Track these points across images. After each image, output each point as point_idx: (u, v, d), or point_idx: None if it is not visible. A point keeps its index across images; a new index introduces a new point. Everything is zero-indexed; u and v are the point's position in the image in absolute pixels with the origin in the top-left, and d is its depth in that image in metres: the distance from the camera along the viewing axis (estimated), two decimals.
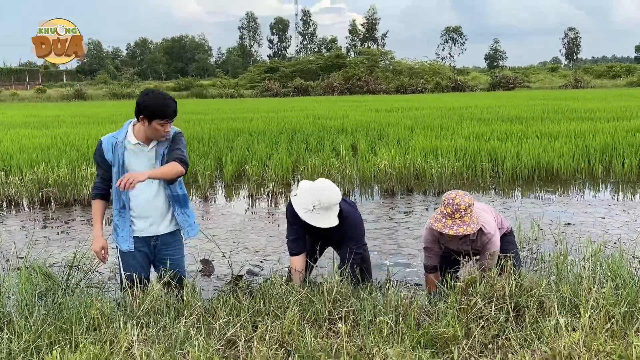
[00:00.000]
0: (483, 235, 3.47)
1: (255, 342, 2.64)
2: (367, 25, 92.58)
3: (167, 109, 3.27)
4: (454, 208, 3.31)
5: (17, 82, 60.52)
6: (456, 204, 3.31)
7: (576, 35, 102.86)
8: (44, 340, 2.91)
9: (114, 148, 3.40)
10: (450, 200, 3.34)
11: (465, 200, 3.32)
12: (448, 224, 3.33)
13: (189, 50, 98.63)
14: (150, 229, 3.59)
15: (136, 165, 3.43)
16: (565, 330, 2.59)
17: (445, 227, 3.33)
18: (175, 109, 3.33)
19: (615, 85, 42.53)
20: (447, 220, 3.34)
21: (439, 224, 3.36)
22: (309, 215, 3.52)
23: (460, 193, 3.39)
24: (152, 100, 3.26)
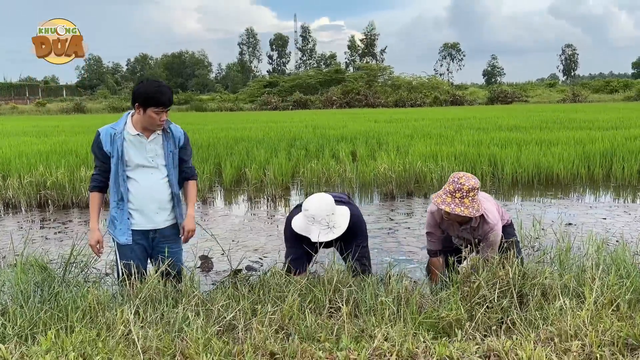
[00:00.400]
0: (485, 224, 3.43)
1: (255, 324, 2.59)
2: (366, 40, 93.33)
3: (161, 96, 3.23)
4: (457, 187, 3.27)
5: (17, 97, 60.70)
6: (460, 183, 3.28)
7: (573, 52, 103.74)
8: (39, 326, 2.85)
9: (113, 139, 3.35)
10: (455, 179, 3.31)
11: (470, 183, 3.28)
12: (447, 201, 3.29)
13: (188, 65, 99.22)
14: (148, 222, 3.55)
15: (135, 156, 3.39)
16: (570, 311, 2.54)
17: (443, 203, 3.29)
18: (170, 97, 3.30)
19: (613, 99, 42.74)
20: (447, 197, 3.30)
21: (438, 199, 3.33)
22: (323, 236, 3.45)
23: (467, 175, 3.36)
24: (145, 87, 3.24)
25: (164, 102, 3.24)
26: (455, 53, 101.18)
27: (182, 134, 3.54)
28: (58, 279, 3.54)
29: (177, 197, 3.58)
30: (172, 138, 3.47)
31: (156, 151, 3.44)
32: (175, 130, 3.51)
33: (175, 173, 3.57)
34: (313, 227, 3.47)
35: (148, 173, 3.46)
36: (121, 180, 3.40)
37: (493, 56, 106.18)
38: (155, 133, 3.41)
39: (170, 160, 3.48)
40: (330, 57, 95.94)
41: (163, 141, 3.45)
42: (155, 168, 3.46)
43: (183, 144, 3.53)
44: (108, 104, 46.38)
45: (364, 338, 2.45)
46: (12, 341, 2.60)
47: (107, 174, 3.47)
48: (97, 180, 3.47)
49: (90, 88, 77.19)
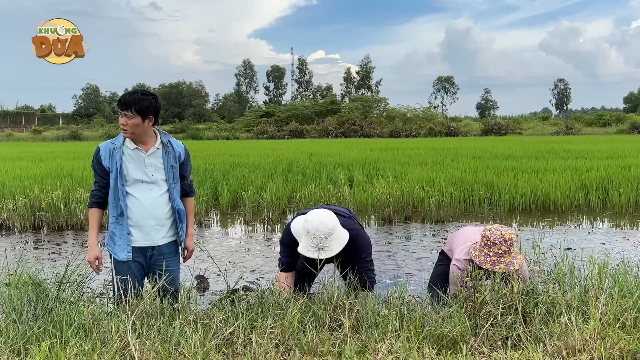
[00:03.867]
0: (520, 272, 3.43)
1: (255, 337, 2.52)
2: (361, 73, 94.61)
3: (125, 97, 3.26)
4: (509, 243, 3.27)
5: (13, 125, 60.73)
6: (507, 239, 3.28)
7: (566, 87, 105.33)
8: (32, 341, 2.77)
9: (112, 153, 3.34)
10: (499, 238, 3.29)
11: (509, 232, 3.33)
12: (507, 261, 3.26)
13: (186, 96, 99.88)
14: (146, 238, 3.50)
15: (133, 171, 3.36)
16: (576, 326, 2.50)
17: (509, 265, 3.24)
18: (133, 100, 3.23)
19: (606, 132, 43.20)
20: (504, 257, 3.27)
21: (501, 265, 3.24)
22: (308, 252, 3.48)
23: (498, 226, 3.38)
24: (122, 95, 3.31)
25: (121, 102, 3.26)
26: (449, 86, 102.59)
27: (182, 149, 3.52)
28: (52, 296, 3.47)
29: (178, 213, 3.52)
30: (173, 152, 3.44)
31: (155, 165, 3.40)
32: (175, 145, 3.49)
33: (177, 188, 3.53)
34: (305, 238, 3.49)
35: (147, 189, 3.42)
36: (120, 195, 3.36)
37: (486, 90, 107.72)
38: (154, 147, 3.38)
39: (171, 174, 3.45)
40: (327, 88, 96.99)
41: (163, 155, 3.41)
42: (154, 184, 3.42)
43: (184, 159, 3.52)
44: (104, 132, 46.42)
45: (367, 352, 2.40)
46: (5, 354, 2.52)
47: (106, 190, 3.43)
48: (97, 196, 3.43)
49: (87, 116, 77.43)
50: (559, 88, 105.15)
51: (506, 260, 3.28)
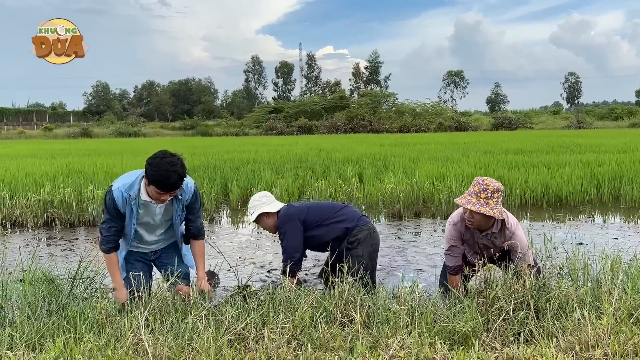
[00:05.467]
0: (506, 230, 3.43)
1: (267, 332, 2.53)
2: (370, 68, 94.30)
3: (166, 181, 3.16)
4: (482, 187, 3.29)
5: (24, 123, 61.28)
6: (485, 184, 3.31)
7: (577, 80, 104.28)
8: (47, 337, 2.81)
9: (126, 203, 3.39)
10: (480, 181, 3.35)
11: (495, 184, 3.33)
12: (472, 201, 3.30)
13: (195, 92, 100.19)
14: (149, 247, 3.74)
15: (147, 218, 3.50)
16: (589, 322, 2.48)
17: (468, 203, 3.30)
18: (176, 182, 3.19)
19: (618, 126, 42.82)
20: (472, 197, 3.31)
21: (463, 200, 3.33)
22: None
23: (491, 178, 3.40)
24: (156, 168, 3.16)
25: (167, 188, 3.19)
26: (459, 81, 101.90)
27: (189, 193, 3.48)
28: (65, 292, 3.51)
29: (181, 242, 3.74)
30: (182, 202, 3.48)
31: (164, 213, 3.53)
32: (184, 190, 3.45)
33: (181, 227, 3.66)
34: None
35: (152, 229, 3.59)
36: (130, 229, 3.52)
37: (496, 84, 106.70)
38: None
39: (178, 220, 3.56)
40: (335, 84, 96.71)
41: (173, 204, 3.48)
42: (161, 225, 3.60)
43: (190, 202, 3.50)
44: (115, 129, 46.76)
45: (378, 347, 2.40)
46: (20, 349, 2.55)
47: (120, 234, 3.54)
48: (113, 242, 3.50)
49: (97, 114, 77.86)
50: (570, 82, 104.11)
51: (471, 200, 3.31)
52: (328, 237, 3.98)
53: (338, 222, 3.98)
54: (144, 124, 56.40)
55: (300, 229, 3.91)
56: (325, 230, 3.97)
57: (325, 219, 3.99)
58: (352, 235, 3.98)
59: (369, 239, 4.00)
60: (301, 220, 3.93)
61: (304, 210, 4.01)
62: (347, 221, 4.00)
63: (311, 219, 3.97)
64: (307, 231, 3.96)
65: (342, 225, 3.97)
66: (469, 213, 3.40)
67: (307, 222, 3.95)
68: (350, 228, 3.98)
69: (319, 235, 3.99)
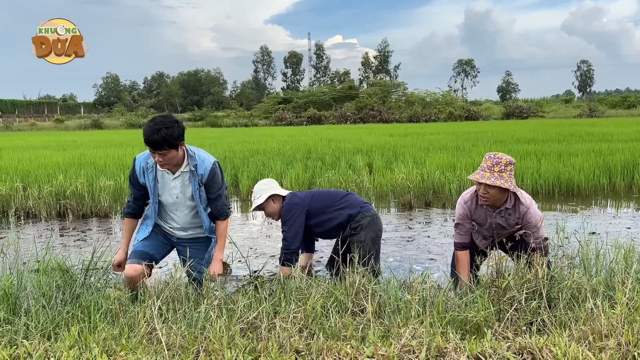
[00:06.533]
0: (520, 205, 3.43)
1: (279, 321, 2.55)
2: (379, 57, 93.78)
3: (149, 138, 3.11)
4: (495, 161, 3.29)
5: (36, 115, 61.79)
6: (498, 157, 3.31)
7: (589, 68, 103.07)
8: (62, 326, 2.84)
9: (145, 172, 3.40)
10: (491, 155, 3.35)
11: (507, 157, 3.33)
12: (486, 175, 3.28)
13: (204, 83, 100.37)
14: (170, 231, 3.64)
15: (161, 190, 3.45)
16: (603, 311, 2.47)
17: (482, 178, 3.29)
18: (159, 141, 3.10)
19: (631, 114, 42.29)
20: (485, 172, 3.30)
21: (477, 175, 3.32)
22: None
23: (501, 152, 3.39)
24: (145, 128, 3.17)
25: (150, 145, 3.14)
26: (470, 69, 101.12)
27: (205, 169, 3.37)
28: (79, 281, 3.55)
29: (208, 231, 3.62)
30: (197, 177, 3.38)
31: (180, 188, 3.42)
32: (200, 166, 3.37)
33: (206, 211, 3.55)
34: None
35: (172, 209, 3.53)
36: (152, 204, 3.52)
37: (507, 72, 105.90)
38: (179, 171, 3.38)
39: (199, 197, 3.44)
40: (344, 74, 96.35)
41: (190, 178, 3.39)
42: (180, 204, 3.49)
43: (207, 180, 3.40)
44: (125, 120, 46.95)
45: (390, 336, 2.40)
46: (36, 338, 2.59)
47: (141, 202, 3.57)
48: (132, 207, 3.57)
49: (107, 105, 78.31)
50: (582, 70, 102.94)
51: (485, 175, 3.31)
52: (331, 224, 4.04)
53: (341, 209, 4.04)
54: (153, 115, 56.58)
55: (303, 220, 3.97)
56: (329, 217, 4.03)
57: (329, 206, 4.04)
58: (355, 222, 4.02)
59: (372, 225, 4.03)
60: (305, 209, 3.98)
61: (308, 199, 4.05)
62: (350, 208, 4.05)
63: (315, 207, 4.02)
64: (311, 219, 4.01)
65: (345, 212, 4.03)
66: (484, 188, 3.39)
67: (311, 211, 4.00)
68: (353, 215, 4.02)
69: (323, 223, 4.05)
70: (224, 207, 3.56)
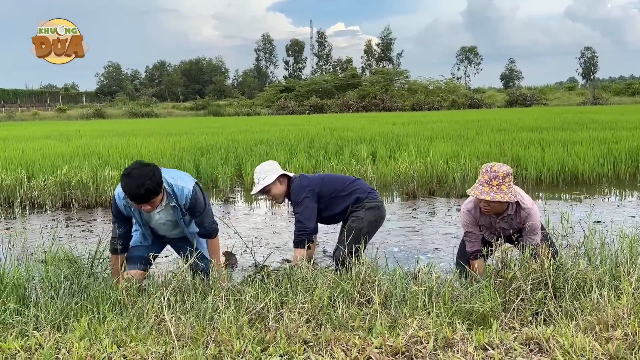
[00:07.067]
0: (522, 210, 3.42)
1: (286, 312, 2.57)
2: (382, 45, 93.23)
3: (134, 194, 3.16)
4: (492, 175, 3.26)
5: (38, 104, 61.73)
6: (494, 171, 3.28)
7: (593, 55, 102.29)
8: (71, 316, 2.87)
9: (127, 208, 3.45)
10: (488, 168, 3.32)
11: (504, 169, 3.30)
12: (485, 191, 3.28)
13: (206, 72, 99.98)
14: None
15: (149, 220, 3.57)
16: (609, 301, 2.48)
17: (482, 194, 3.28)
18: (146, 195, 3.16)
19: (635, 102, 42.04)
20: (484, 187, 3.29)
21: (476, 191, 3.32)
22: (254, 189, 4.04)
23: (499, 163, 3.36)
24: (126, 180, 3.17)
25: (136, 200, 3.20)
26: (473, 57, 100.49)
27: (187, 198, 3.43)
28: (86, 272, 3.57)
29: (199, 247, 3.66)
30: (179, 208, 3.45)
31: (167, 219, 3.55)
32: (180, 197, 3.42)
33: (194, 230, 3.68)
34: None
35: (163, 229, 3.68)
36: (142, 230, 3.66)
37: (511, 60, 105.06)
38: (159, 207, 3.42)
39: (183, 223, 3.57)
40: (347, 62, 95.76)
41: (173, 209, 3.48)
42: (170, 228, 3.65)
43: (189, 206, 3.47)
44: (127, 110, 46.94)
45: (397, 327, 2.42)
46: (46, 329, 2.61)
47: (127, 238, 3.63)
48: (119, 244, 3.57)
49: (109, 94, 78.16)
50: (586, 57, 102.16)
51: (484, 190, 3.30)
52: (339, 207, 4.03)
53: (350, 193, 4.04)
54: (156, 104, 56.54)
55: (316, 200, 3.93)
56: (338, 202, 4.02)
57: (339, 190, 4.03)
58: (360, 204, 4.03)
59: (375, 209, 4.05)
60: (317, 191, 3.95)
61: (318, 182, 4.01)
62: (358, 192, 4.07)
63: (325, 191, 4.00)
64: (321, 202, 3.98)
65: (353, 195, 4.04)
66: (484, 202, 3.40)
67: (321, 194, 3.97)
68: (361, 198, 4.04)
69: (332, 206, 4.04)
70: (211, 225, 3.61)
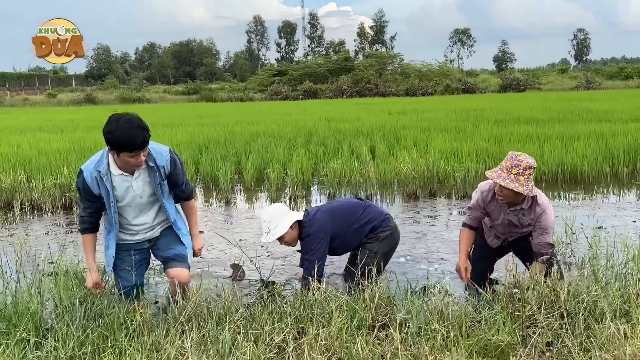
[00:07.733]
0: (537, 207, 3.47)
1: (306, 349, 2.60)
2: (375, 28, 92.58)
3: (134, 141, 3.02)
4: (514, 163, 3.31)
5: (27, 87, 60.93)
6: (518, 160, 3.32)
7: (585, 37, 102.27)
8: (88, 347, 2.88)
9: (99, 182, 3.23)
10: (513, 156, 3.36)
11: (528, 161, 3.34)
12: (502, 176, 3.32)
13: (197, 54, 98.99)
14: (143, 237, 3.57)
15: (121, 196, 3.32)
16: (623, 334, 2.53)
17: (498, 177, 3.33)
18: (144, 139, 3.06)
19: (628, 86, 42.18)
20: (502, 172, 3.34)
21: (494, 174, 3.36)
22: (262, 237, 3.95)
23: (525, 154, 3.40)
24: (117, 132, 3.01)
25: (137, 147, 3.05)
26: (466, 39, 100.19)
27: (166, 161, 3.34)
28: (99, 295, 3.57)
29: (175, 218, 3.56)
30: (157, 170, 3.32)
31: (144, 187, 3.35)
32: (159, 159, 3.32)
33: (170, 201, 3.53)
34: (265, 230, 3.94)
35: (137, 209, 3.42)
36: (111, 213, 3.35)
37: (503, 41, 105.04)
38: (139, 170, 3.29)
39: (160, 191, 3.39)
40: (339, 44, 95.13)
41: (150, 175, 3.32)
42: (144, 204, 3.41)
43: (170, 171, 3.38)
44: (119, 95, 46.42)
45: None
46: None
47: (97, 215, 3.42)
48: (88, 222, 3.41)
49: (99, 77, 77.29)
50: (579, 38, 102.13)
51: (502, 175, 3.35)
52: (355, 243, 4.03)
53: (364, 224, 3.99)
54: (147, 88, 55.95)
55: (327, 244, 3.86)
56: (353, 236, 3.97)
57: (351, 223, 3.95)
58: (374, 234, 4.03)
59: (389, 238, 4.06)
60: (329, 235, 3.85)
61: (329, 221, 3.87)
62: (372, 221, 4.02)
63: (338, 229, 3.90)
64: (334, 241, 3.91)
65: (367, 227, 4.01)
66: (499, 187, 3.43)
67: (334, 232, 3.88)
68: (376, 227, 4.03)
69: (346, 243, 4.02)
70: (188, 187, 3.58)
